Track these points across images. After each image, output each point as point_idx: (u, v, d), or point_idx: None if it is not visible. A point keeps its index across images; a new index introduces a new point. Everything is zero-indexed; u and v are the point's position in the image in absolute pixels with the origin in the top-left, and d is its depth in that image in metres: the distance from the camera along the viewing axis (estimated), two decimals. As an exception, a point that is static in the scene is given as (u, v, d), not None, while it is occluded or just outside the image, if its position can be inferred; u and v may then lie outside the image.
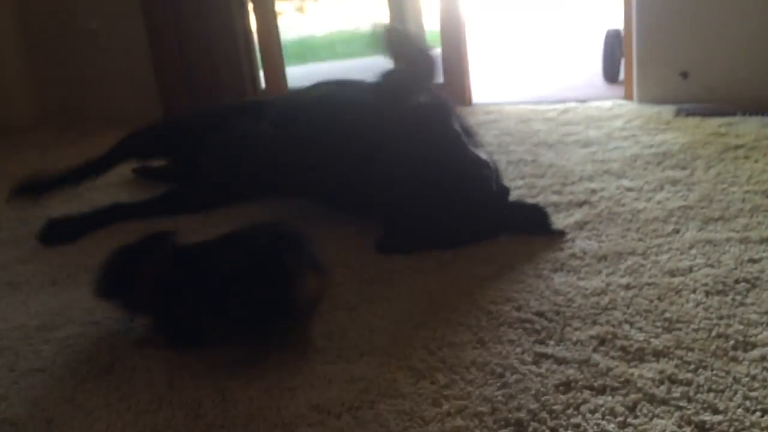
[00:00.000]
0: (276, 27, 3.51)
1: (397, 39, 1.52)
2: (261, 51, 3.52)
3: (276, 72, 3.54)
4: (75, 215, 1.88)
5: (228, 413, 0.97)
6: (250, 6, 3.43)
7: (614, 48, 3.42)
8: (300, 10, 7.06)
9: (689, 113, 2.48)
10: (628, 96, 2.88)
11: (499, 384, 0.98)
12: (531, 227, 1.51)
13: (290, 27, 6.12)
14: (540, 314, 1.16)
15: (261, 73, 3.53)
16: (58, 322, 1.31)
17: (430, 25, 3.65)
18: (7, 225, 1.98)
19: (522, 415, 0.90)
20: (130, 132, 2.14)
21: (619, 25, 3.22)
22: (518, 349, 1.06)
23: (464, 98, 3.20)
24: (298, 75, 4.36)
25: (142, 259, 1.15)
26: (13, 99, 3.84)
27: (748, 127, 2.20)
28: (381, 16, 3.75)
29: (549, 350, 1.05)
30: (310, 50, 6.22)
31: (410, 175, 1.42)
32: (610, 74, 3.48)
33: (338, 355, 1.09)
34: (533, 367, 1.01)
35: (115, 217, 1.89)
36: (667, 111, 2.55)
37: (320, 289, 1.11)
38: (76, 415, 1.00)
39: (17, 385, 1.10)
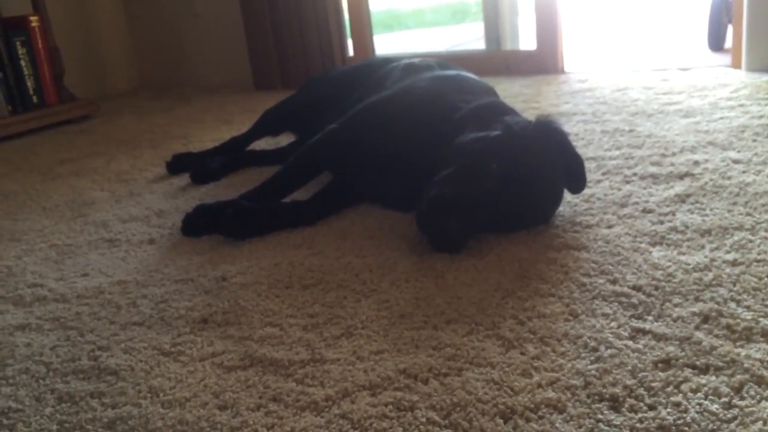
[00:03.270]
0: (365, -4, 3.50)
1: None
2: (350, 20, 3.52)
3: (364, 41, 3.54)
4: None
5: (316, 372, 0.98)
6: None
7: (721, 13, 3.22)
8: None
9: (805, 82, 2.30)
10: (735, 64, 2.70)
11: (592, 358, 0.94)
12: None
13: (378, -2, 6.08)
14: (637, 288, 1.11)
15: (349, 41, 3.54)
16: (155, 278, 1.36)
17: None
18: (108, 186, 2.07)
19: (617, 390, 0.87)
20: (268, 108, 2.22)
21: (728, -13, 3.02)
22: (613, 324, 1.02)
23: (557, 66, 3.09)
24: (387, 43, 4.35)
25: None
26: (114, 66, 4.01)
27: None
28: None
29: (647, 326, 1.00)
30: (397, 19, 6.16)
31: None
32: (716, 41, 3.27)
33: (425, 321, 1.08)
34: (630, 343, 0.97)
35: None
36: (779, 80, 2.38)
37: None
38: (172, 367, 1.04)
39: (117, 336, 1.15)
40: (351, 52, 3.55)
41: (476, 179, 1.32)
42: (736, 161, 1.64)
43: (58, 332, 1.19)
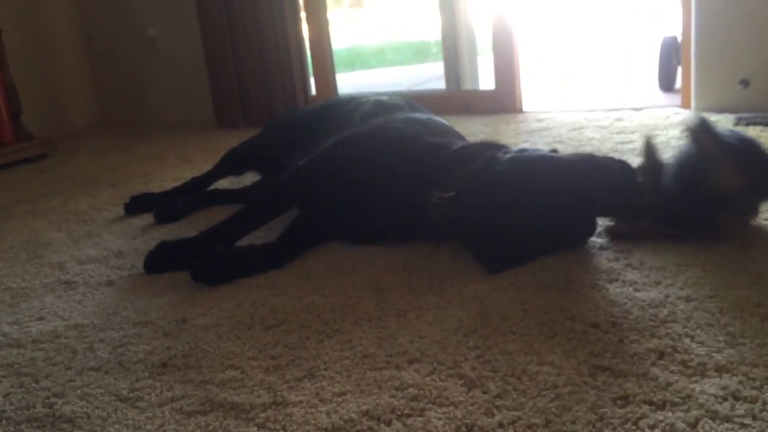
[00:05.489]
0: (328, 35, 3.55)
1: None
2: (312, 58, 3.56)
3: (326, 79, 3.58)
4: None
5: (278, 416, 0.97)
6: (303, 15, 3.47)
7: (670, 55, 3.35)
8: (350, 18, 7.13)
9: (750, 122, 2.40)
10: (685, 104, 2.81)
11: (552, 395, 0.95)
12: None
13: (340, 36, 6.18)
14: (595, 325, 1.13)
15: (312, 80, 3.57)
16: (113, 321, 1.34)
17: (483, 33, 3.64)
18: (66, 227, 2.04)
19: (577, 428, 0.88)
20: (231, 148, 2.21)
21: (675, 32, 3.14)
22: (573, 361, 1.04)
23: (515, 105, 3.17)
24: (348, 82, 4.41)
25: None
26: (73, 104, 3.97)
27: (814, 136, 2.12)
28: (433, 24, 3.75)
29: (605, 362, 1.02)
30: (359, 58, 6.26)
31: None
32: (666, 82, 3.40)
33: (387, 361, 1.09)
34: (589, 379, 0.98)
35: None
36: (726, 120, 2.48)
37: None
38: (130, 414, 1.02)
39: (73, 382, 1.12)
40: (313, 90, 3.59)
41: None
42: (687, 199, 1.69)
43: (11, 379, 1.15)
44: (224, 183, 2.24)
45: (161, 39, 3.79)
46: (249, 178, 2.25)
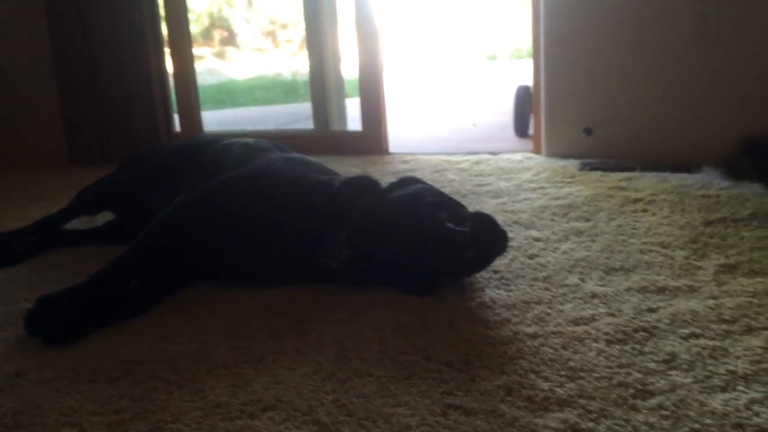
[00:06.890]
0: (193, 71, 3.48)
1: None
2: (177, 95, 3.47)
3: (191, 116, 3.49)
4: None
5: (119, 476, 0.90)
6: (168, 50, 3.39)
7: (524, 103, 3.57)
8: (220, 55, 7.03)
9: (592, 168, 2.60)
10: (536, 150, 2.99)
11: (406, 437, 0.96)
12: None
13: (209, 72, 6.08)
14: (449, 364, 1.16)
15: (176, 117, 3.48)
16: (-66, 378, 1.20)
17: (351, 75, 3.71)
18: None
19: (428, 469, 0.89)
20: (85, 186, 2.08)
21: (529, 81, 3.37)
22: (427, 401, 1.05)
23: (381, 147, 3.24)
24: (215, 120, 4.33)
25: None
26: None
27: (646, 182, 2.33)
28: (301, 63, 3.79)
29: (457, 401, 1.04)
30: (228, 95, 6.18)
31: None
32: (520, 128, 3.62)
33: (241, 410, 1.05)
34: (441, 419, 1.00)
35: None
36: (572, 165, 2.67)
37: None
38: (-53, 483, 0.91)
39: None
40: (178, 127, 3.49)
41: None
42: (536, 239, 1.80)
43: None
44: (75, 223, 2.11)
45: (11, 69, 3.55)
46: (102, 218, 2.13)
